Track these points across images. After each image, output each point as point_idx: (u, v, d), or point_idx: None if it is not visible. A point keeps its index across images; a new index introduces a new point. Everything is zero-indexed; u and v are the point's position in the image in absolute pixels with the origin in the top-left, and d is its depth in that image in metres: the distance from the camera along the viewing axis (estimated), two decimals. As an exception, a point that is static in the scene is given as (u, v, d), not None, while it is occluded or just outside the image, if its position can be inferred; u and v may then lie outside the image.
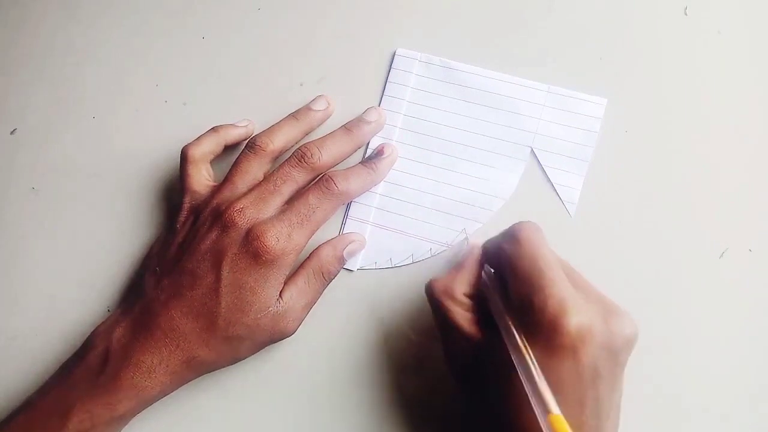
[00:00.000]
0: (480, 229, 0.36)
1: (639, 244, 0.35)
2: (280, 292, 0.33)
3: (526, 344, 0.27)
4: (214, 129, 0.38)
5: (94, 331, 0.34)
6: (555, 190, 0.36)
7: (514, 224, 0.30)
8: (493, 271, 0.32)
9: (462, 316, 0.30)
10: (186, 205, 0.36)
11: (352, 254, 0.36)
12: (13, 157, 0.41)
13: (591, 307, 0.27)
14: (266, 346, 0.34)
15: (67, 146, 0.41)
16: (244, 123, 0.39)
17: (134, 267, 0.39)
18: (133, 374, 0.32)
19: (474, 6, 0.39)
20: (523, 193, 0.36)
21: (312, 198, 0.34)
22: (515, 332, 0.27)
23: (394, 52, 0.39)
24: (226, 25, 0.41)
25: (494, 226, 0.35)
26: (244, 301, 0.32)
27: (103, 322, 0.35)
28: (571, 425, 0.25)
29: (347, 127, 0.37)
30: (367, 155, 0.38)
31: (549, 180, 0.36)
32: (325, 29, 0.40)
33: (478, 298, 0.31)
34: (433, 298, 0.31)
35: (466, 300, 0.31)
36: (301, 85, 0.39)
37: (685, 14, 0.37)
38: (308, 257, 0.35)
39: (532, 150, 0.37)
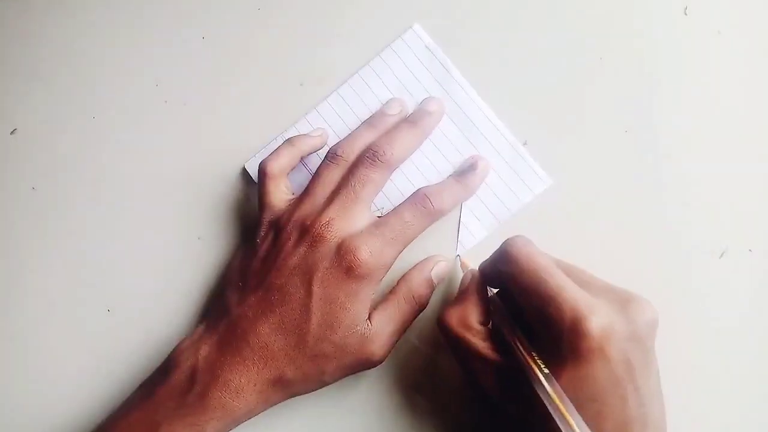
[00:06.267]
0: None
1: (638, 244, 0.35)
2: (369, 317, 0.33)
3: (544, 370, 0.27)
4: (289, 141, 0.37)
5: (177, 348, 0.33)
6: (458, 227, 0.36)
7: (504, 243, 0.30)
8: (495, 291, 0.32)
9: (482, 345, 0.30)
10: (265, 221, 0.35)
11: (440, 275, 0.35)
12: (13, 157, 0.41)
13: (606, 303, 0.27)
14: (351, 371, 0.33)
15: (67, 146, 0.41)
16: (318, 133, 0.38)
17: (135, 267, 0.39)
18: (221, 394, 0.31)
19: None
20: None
21: (407, 215, 0.33)
22: (533, 365, 0.27)
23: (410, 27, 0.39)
24: (226, 25, 0.41)
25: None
26: (334, 317, 0.32)
27: (185, 339, 0.34)
28: (619, 421, 0.26)
29: (410, 120, 0.36)
30: (460, 167, 0.37)
31: (459, 216, 0.36)
32: (325, 29, 0.40)
33: (492, 323, 0.31)
34: (451, 333, 0.30)
35: (481, 328, 0.30)
36: (301, 85, 0.39)
37: (685, 14, 0.37)
38: (397, 284, 0.34)
39: None
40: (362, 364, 0.33)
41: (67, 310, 0.39)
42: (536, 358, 0.27)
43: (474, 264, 0.34)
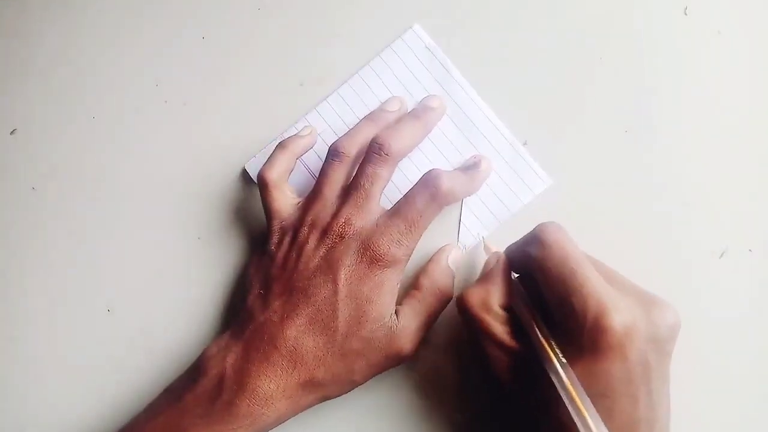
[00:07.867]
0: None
1: (638, 244, 0.35)
2: (396, 312, 0.33)
3: (561, 359, 0.27)
4: (281, 145, 0.37)
5: (203, 354, 0.33)
6: (459, 226, 0.36)
7: (536, 227, 0.30)
8: (517, 276, 0.32)
9: (500, 329, 0.30)
10: (276, 228, 0.35)
11: (456, 262, 0.35)
12: (13, 157, 0.41)
13: (630, 302, 0.27)
14: (381, 368, 0.33)
15: (67, 146, 0.41)
16: (307, 131, 0.38)
17: (135, 267, 0.39)
18: (249, 402, 0.31)
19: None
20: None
21: (419, 201, 0.33)
22: (551, 353, 0.27)
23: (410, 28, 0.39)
24: (226, 25, 0.41)
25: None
26: (361, 312, 0.32)
27: (211, 345, 0.33)
28: (628, 420, 0.26)
29: (412, 114, 0.36)
30: (463, 165, 0.37)
31: (460, 215, 0.36)
32: (325, 29, 0.40)
33: (513, 309, 0.31)
34: (469, 314, 0.30)
35: (502, 312, 0.30)
36: (301, 85, 0.39)
37: (685, 14, 0.37)
38: (417, 280, 0.34)
39: None
40: (391, 360, 0.32)
41: (67, 310, 0.39)
42: (554, 346, 0.27)
43: (496, 248, 0.34)
